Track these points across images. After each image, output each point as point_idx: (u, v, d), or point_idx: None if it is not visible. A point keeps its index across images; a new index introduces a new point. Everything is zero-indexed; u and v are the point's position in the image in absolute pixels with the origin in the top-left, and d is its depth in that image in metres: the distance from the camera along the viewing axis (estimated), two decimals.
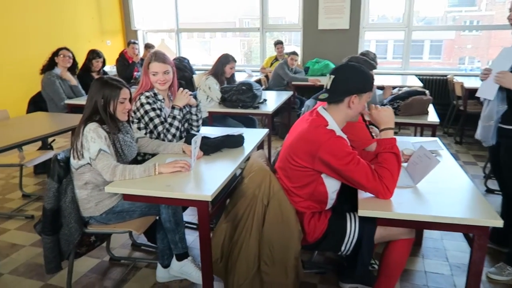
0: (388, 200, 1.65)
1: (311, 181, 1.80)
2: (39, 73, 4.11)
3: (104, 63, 4.74)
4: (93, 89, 2.02)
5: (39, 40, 5.71)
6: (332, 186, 1.83)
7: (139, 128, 2.45)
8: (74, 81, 4.27)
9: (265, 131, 2.76)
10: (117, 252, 2.63)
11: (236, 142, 2.38)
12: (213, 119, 3.86)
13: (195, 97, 4.10)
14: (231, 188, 2.17)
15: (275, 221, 1.80)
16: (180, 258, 2.22)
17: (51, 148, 4.00)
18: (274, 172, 1.95)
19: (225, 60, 3.99)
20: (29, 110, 4.14)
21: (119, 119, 2.09)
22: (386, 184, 1.63)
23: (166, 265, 2.30)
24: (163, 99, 2.53)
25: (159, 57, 2.44)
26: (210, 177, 1.94)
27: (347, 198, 1.92)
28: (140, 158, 2.46)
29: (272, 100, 4.11)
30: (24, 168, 3.54)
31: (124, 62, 5.94)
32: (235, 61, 4.06)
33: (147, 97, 2.42)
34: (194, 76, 6.07)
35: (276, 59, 6.43)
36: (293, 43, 7.63)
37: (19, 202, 3.42)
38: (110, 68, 6.54)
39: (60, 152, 2.07)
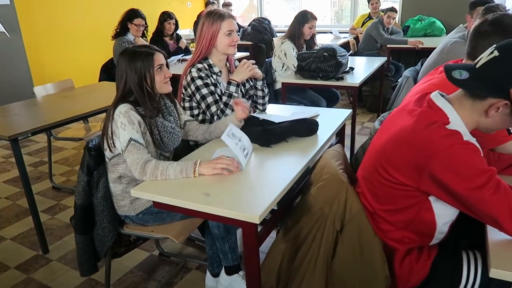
0: None
1: (412, 205, 1.20)
2: (110, 39, 3.92)
3: (177, 26, 4.42)
4: (121, 66, 1.60)
5: (118, 3, 5.55)
6: (444, 215, 1.21)
7: (191, 108, 2.03)
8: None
9: (347, 112, 2.15)
10: (168, 245, 2.33)
11: (307, 129, 1.83)
12: (291, 91, 3.31)
13: (271, 64, 3.60)
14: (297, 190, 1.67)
15: (351, 256, 1.26)
16: (230, 271, 1.81)
17: None
18: (355, 182, 1.38)
19: (303, 18, 3.35)
20: (101, 78, 4.00)
21: (162, 92, 1.70)
22: None
23: (215, 274, 1.92)
24: (220, 71, 2.05)
25: (229, 13, 2.01)
26: (266, 182, 1.44)
27: (464, 228, 1.29)
28: (193, 143, 2.05)
29: (360, 69, 3.41)
30: None
31: None
32: (315, 18, 3.39)
33: (199, 69, 1.96)
34: (274, 39, 5.53)
35: (369, 17, 5.53)
36: None
37: None
38: (189, 31, 6.26)
39: (93, 138, 1.74)
